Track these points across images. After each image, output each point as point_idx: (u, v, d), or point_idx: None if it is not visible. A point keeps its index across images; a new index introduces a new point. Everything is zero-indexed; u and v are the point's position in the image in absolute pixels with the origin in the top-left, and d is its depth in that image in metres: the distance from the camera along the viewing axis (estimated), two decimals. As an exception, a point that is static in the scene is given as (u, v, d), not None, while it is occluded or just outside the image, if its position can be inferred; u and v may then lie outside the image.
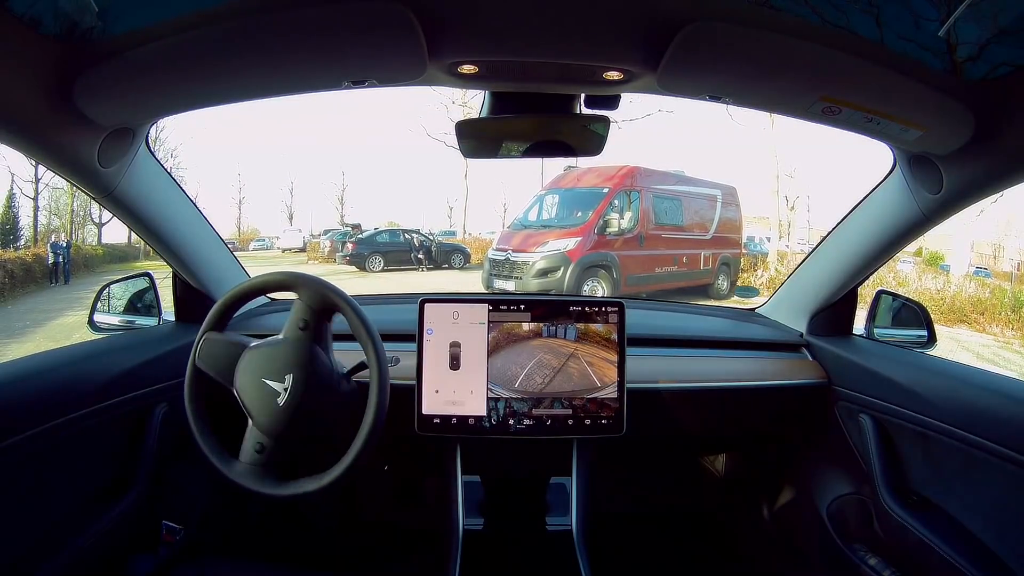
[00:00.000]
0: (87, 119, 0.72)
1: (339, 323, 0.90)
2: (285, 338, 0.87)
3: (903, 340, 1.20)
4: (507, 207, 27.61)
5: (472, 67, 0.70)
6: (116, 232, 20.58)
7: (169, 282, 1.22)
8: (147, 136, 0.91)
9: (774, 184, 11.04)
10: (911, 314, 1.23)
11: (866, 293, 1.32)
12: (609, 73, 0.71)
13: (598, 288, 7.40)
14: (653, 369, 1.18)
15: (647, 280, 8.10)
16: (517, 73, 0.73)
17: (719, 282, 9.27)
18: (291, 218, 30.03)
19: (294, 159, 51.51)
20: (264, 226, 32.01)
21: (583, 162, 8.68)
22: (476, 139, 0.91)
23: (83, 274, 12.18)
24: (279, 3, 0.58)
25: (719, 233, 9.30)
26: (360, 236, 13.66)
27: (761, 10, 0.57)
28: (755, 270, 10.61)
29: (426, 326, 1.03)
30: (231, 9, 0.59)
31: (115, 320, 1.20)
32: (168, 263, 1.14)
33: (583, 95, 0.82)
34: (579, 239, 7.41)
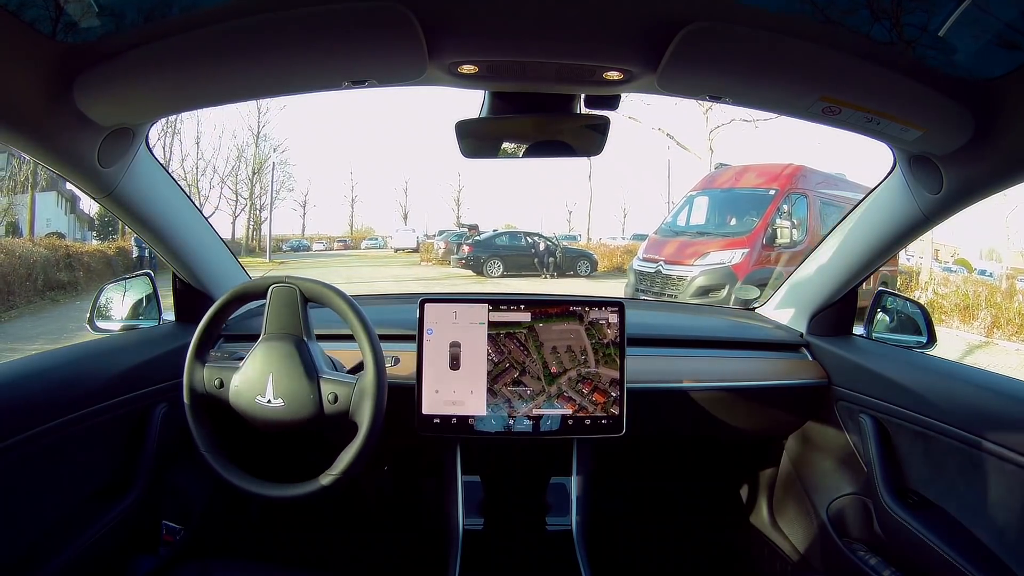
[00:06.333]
0: (87, 119, 0.72)
1: (339, 323, 0.89)
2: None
3: (903, 341, 1.20)
4: (627, 212, 27.29)
5: (472, 67, 0.70)
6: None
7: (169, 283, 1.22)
8: (147, 136, 0.91)
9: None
10: (911, 315, 1.22)
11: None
12: (609, 73, 0.71)
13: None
14: (653, 369, 1.18)
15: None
16: (517, 73, 0.73)
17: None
18: (405, 217, 29.66)
19: (409, 158, 51.62)
20: (379, 225, 31.97)
21: (735, 160, 7.31)
22: (476, 139, 0.91)
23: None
24: (279, 3, 0.58)
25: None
26: (477, 238, 12.76)
27: (760, 10, 0.58)
28: (911, 291, 8.90)
29: (426, 326, 1.03)
30: (231, 9, 0.59)
31: (115, 320, 1.21)
32: (168, 263, 1.15)
33: (583, 95, 0.82)
34: (745, 251, 6.01)
